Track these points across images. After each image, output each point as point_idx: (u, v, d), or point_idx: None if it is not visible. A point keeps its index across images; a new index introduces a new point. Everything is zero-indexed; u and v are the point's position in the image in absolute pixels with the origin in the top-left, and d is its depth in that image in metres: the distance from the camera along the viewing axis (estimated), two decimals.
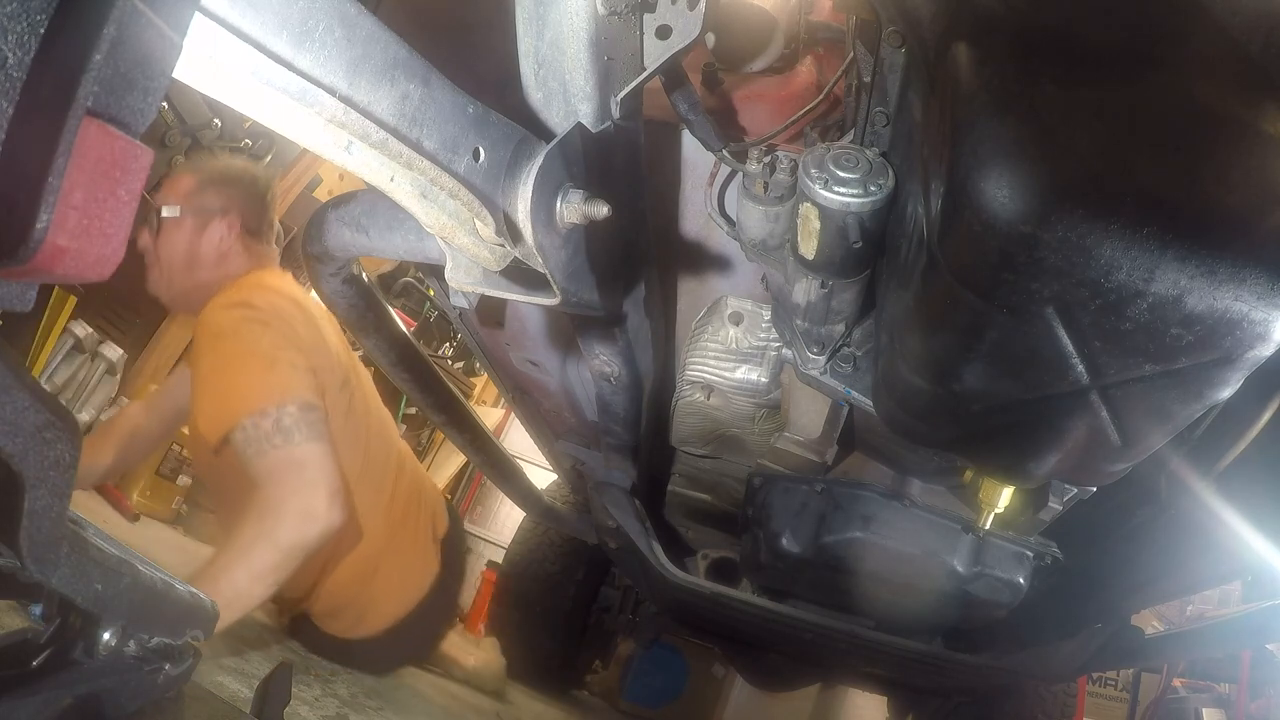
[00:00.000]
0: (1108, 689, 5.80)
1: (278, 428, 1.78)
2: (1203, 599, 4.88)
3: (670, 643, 3.95)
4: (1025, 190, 0.73)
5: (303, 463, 1.77)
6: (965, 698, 2.80)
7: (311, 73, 0.55)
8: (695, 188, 1.41)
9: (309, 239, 1.25)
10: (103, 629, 0.71)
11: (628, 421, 1.61)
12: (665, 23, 0.85)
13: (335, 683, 1.97)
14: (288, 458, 1.76)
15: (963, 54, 0.80)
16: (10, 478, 0.50)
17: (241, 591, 1.66)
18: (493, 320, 1.62)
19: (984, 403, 0.95)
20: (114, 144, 0.43)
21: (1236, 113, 0.76)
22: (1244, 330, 0.72)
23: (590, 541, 2.74)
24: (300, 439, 1.78)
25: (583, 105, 0.85)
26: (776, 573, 1.79)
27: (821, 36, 1.36)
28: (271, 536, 1.70)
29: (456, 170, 0.71)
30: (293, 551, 1.72)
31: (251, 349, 1.85)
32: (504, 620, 3.36)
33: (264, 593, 1.71)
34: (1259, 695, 5.00)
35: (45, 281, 0.44)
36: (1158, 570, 1.71)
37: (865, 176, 1.00)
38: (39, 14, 0.38)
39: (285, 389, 1.82)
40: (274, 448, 1.76)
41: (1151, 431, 0.91)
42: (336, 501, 1.77)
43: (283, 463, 1.76)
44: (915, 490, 1.65)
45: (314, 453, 1.79)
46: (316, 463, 1.78)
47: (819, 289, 1.17)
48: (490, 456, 2.14)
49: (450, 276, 0.89)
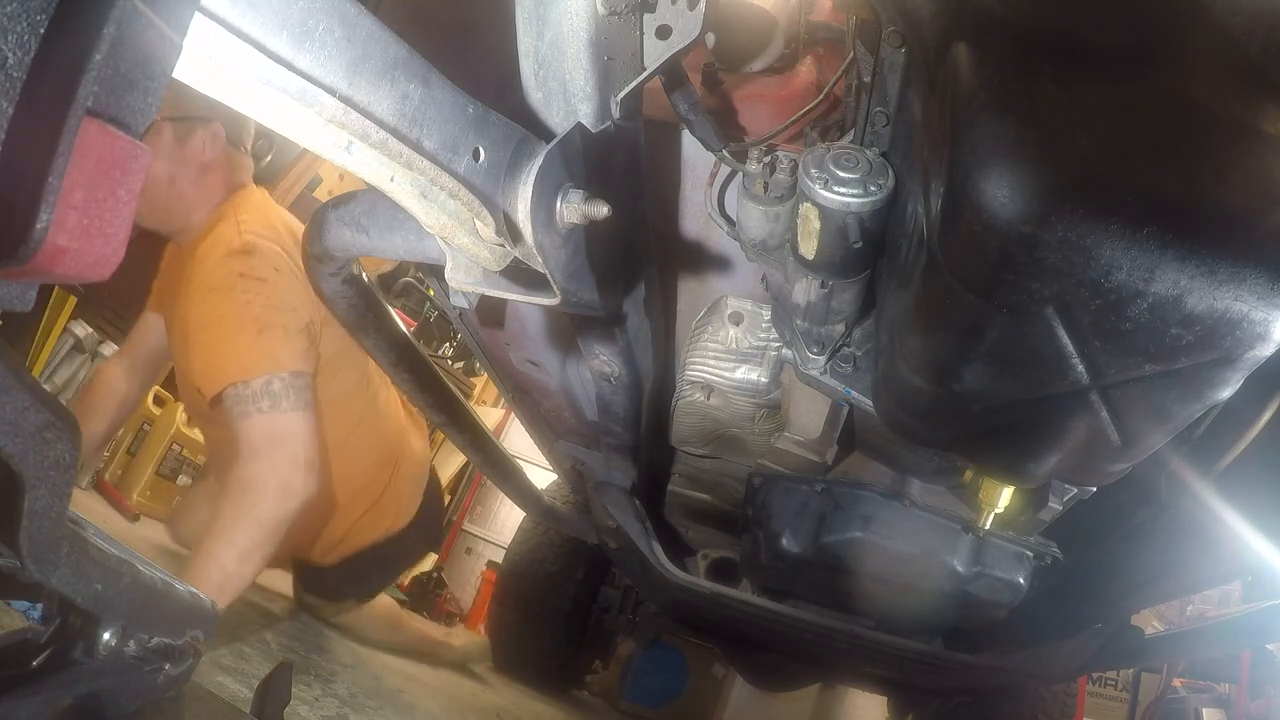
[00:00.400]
0: (1108, 689, 5.81)
1: (265, 391, 1.82)
2: (1203, 599, 4.88)
3: (670, 643, 3.95)
4: (1025, 190, 0.73)
5: (285, 434, 1.80)
6: (965, 698, 2.80)
7: (311, 73, 0.55)
8: (695, 188, 1.41)
9: (309, 239, 1.25)
10: (103, 629, 0.71)
11: (628, 421, 1.61)
12: (665, 23, 0.85)
13: (335, 683, 1.97)
14: (270, 425, 1.80)
15: (963, 54, 0.80)
16: (10, 478, 0.50)
17: (231, 573, 1.70)
18: (493, 320, 1.62)
19: (984, 403, 0.95)
20: (114, 144, 0.43)
21: (1236, 113, 0.76)
22: (1244, 330, 0.72)
23: (590, 541, 2.74)
24: (287, 406, 1.82)
25: (583, 105, 0.85)
26: (776, 573, 1.79)
27: (821, 36, 1.36)
28: (253, 514, 1.74)
29: (456, 170, 0.71)
30: (276, 528, 1.76)
31: (243, 312, 1.85)
32: (504, 620, 3.36)
33: (253, 572, 1.76)
34: (1259, 695, 5.00)
35: (45, 281, 0.44)
36: (1158, 570, 1.71)
37: (865, 176, 1.00)
38: (39, 14, 0.38)
39: (274, 358, 1.84)
40: (259, 412, 1.80)
41: (1151, 431, 0.91)
42: (312, 473, 1.81)
43: (266, 431, 1.80)
44: (915, 490, 1.65)
45: (297, 422, 1.82)
46: (298, 434, 1.81)
47: (819, 289, 1.17)
48: (490, 456, 2.14)
49: (450, 276, 0.89)
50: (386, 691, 2.15)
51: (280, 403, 1.82)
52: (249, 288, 1.87)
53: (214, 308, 1.88)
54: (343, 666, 2.15)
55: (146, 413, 3.56)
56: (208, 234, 1.99)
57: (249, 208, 2.04)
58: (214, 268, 1.90)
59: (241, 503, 1.74)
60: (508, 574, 3.36)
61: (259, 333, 1.84)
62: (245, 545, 1.72)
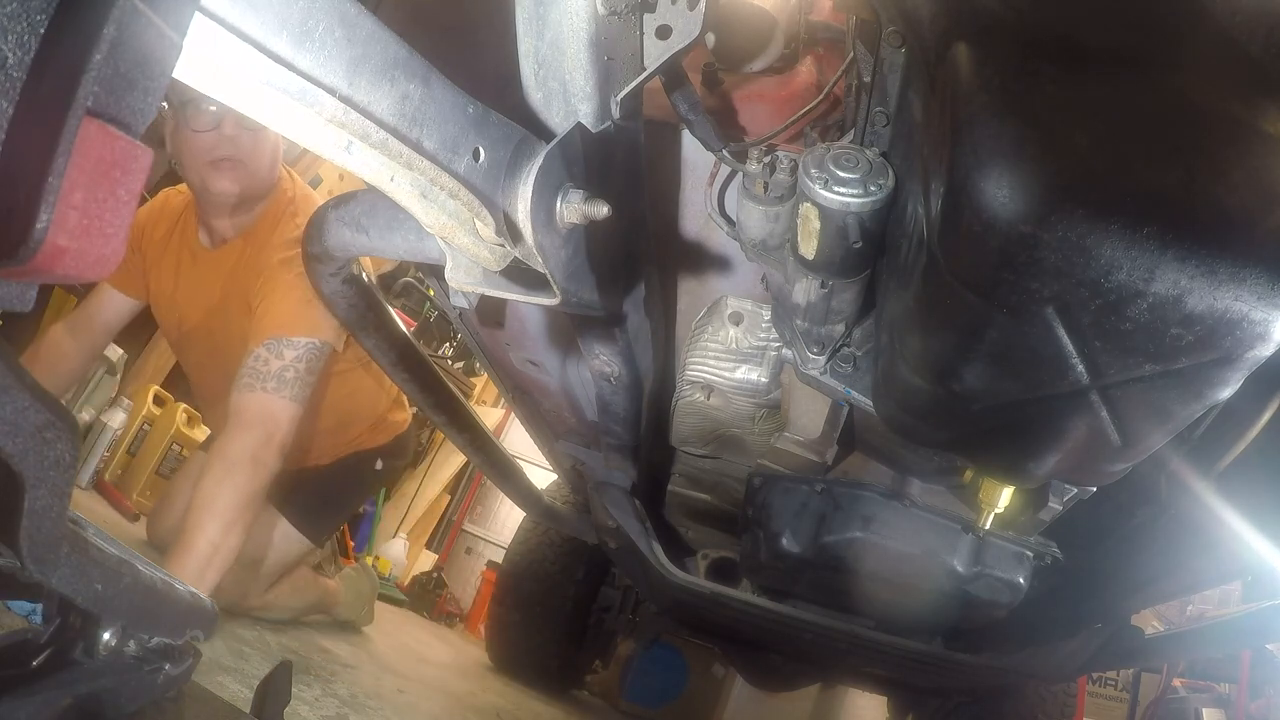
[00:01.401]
0: (1108, 689, 5.81)
1: (280, 373, 2.00)
2: (1203, 599, 4.88)
3: (670, 643, 3.95)
4: (1025, 190, 0.73)
5: (276, 417, 1.97)
6: (965, 698, 2.80)
7: (311, 73, 0.55)
8: (695, 188, 1.41)
9: (309, 239, 1.25)
10: (103, 629, 0.71)
11: (628, 421, 1.61)
12: (665, 23, 0.85)
13: (335, 683, 1.97)
14: (266, 405, 1.97)
15: (963, 54, 0.80)
16: (10, 478, 0.50)
17: (219, 545, 1.81)
18: (493, 320, 1.61)
19: (984, 402, 0.95)
20: (114, 144, 0.43)
21: (1236, 113, 0.76)
22: (1244, 330, 0.72)
23: (590, 541, 2.74)
24: (289, 395, 2.00)
25: (583, 105, 0.85)
26: (776, 573, 1.79)
27: (821, 36, 1.36)
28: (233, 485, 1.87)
29: (456, 170, 0.71)
30: (254, 498, 1.91)
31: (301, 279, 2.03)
32: (504, 620, 3.36)
33: (237, 543, 1.86)
34: (1259, 695, 5.00)
35: (45, 281, 0.44)
36: (1158, 570, 1.71)
37: (865, 176, 1.00)
38: (39, 14, 0.38)
39: (314, 326, 2.06)
40: (264, 390, 1.98)
41: (1151, 431, 0.91)
42: (282, 454, 1.98)
43: (261, 408, 1.96)
44: (915, 490, 1.64)
45: (289, 411, 1.99)
46: (287, 420, 1.99)
47: (819, 289, 1.17)
48: (490, 456, 2.14)
49: (450, 276, 0.89)
50: (386, 691, 2.15)
51: (284, 390, 1.98)
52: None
53: (284, 275, 2.13)
54: (343, 666, 2.15)
55: (147, 413, 3.56)
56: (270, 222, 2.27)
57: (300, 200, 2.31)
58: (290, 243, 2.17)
59: (224, 476, 1.87)
60: (508, 574, 3.36)
61: (310, 301, 2.02)
62: (229, 515, 1.83)
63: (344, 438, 2.66)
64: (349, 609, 3.00)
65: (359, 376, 2.59)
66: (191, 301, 2.39)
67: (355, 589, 3.05)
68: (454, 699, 2.57)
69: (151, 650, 0.77)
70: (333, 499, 2.65)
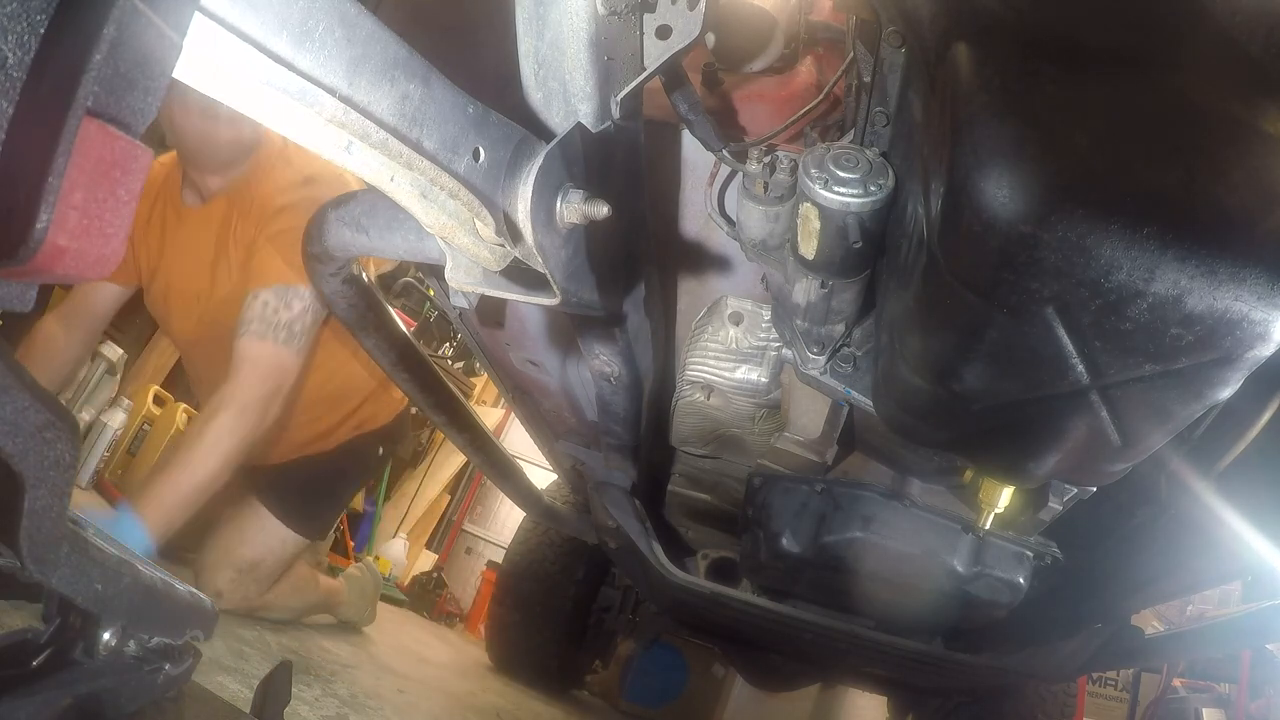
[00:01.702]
0: (1108, 689, 5.81)
1: (290, 325, 2.04)
2: (1203, 599, 4.88)
3: (670, 643, 3.95)
4: (1025, 190, 0.73)
5: (283, 369, 2.03)
6: (965, 698, 2.80)
7: (311, 73, 0.55)
8: (695, 188, 1.41)
9: (309, 238, 1.25)
10: (103, 629, 0.71)
11: (628, 421, 1.61)
12: (665, 23, 0.85)
13: (335, 683, 1.97)
14: (276, 356, 2.02)
15: (963, 54, 0.80)
16: (10, 478, 0.50)
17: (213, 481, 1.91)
18: (493, 320, 1.61)
19: (984, 402, 0.95)
20: (114, 144, 0.43)
21: (1236, 113, 0.76)
22: (1244, 330, 0.72)
23: (590, 541, 2.74)
24: (296, 347, 2.05)
25: (583, 105, 0.85)
26: (776, 573, 1.79)
27: (821, 36, 1.36)
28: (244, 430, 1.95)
29: (456, 170, 0.71)
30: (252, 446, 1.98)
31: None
32: (504, 620, 3.36)
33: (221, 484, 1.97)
34: (1259, 695, 5.00)
35: (45, 281, 0.44)
36: (1158, 570, 1.71)
37: (865, 176, 1.00)
38: (39, 14, 0.38)
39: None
40: (275, 340, 2.03)
41: (1151, 431, 0.91)
42: (282, 405, 2.05)
43: (271, 358, 2.02)
44: (915, 490, 1.64)
45: (295, 365, 2.05)
46: (291, 372, 2.04)
47: (819, 289, 1.17)
48: (490, 456, 2.14)
49: (450, 276, 0.89)
50: (386, 691, 2.15)
51: (293, 342, 2.04)
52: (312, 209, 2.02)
53: (286, 221, 2.11)
54: (343, 666, 2.15)
55: (147, 413, 3.56)
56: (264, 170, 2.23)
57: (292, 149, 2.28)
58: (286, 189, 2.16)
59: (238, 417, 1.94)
60: (508, 574, 3.36)
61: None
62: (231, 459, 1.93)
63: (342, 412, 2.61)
64: (353, 608, 2.99)
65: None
66: (178, 264, 2.32)
67: (359, 588, 3.04)
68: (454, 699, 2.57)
69: (151, 650, 0.77)
70: (326, 491, 2.63)
